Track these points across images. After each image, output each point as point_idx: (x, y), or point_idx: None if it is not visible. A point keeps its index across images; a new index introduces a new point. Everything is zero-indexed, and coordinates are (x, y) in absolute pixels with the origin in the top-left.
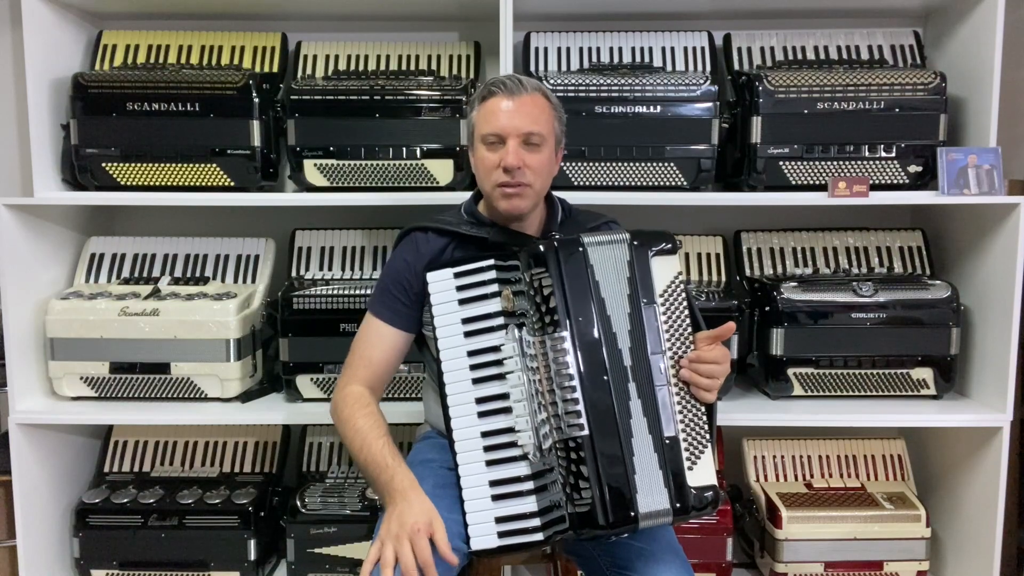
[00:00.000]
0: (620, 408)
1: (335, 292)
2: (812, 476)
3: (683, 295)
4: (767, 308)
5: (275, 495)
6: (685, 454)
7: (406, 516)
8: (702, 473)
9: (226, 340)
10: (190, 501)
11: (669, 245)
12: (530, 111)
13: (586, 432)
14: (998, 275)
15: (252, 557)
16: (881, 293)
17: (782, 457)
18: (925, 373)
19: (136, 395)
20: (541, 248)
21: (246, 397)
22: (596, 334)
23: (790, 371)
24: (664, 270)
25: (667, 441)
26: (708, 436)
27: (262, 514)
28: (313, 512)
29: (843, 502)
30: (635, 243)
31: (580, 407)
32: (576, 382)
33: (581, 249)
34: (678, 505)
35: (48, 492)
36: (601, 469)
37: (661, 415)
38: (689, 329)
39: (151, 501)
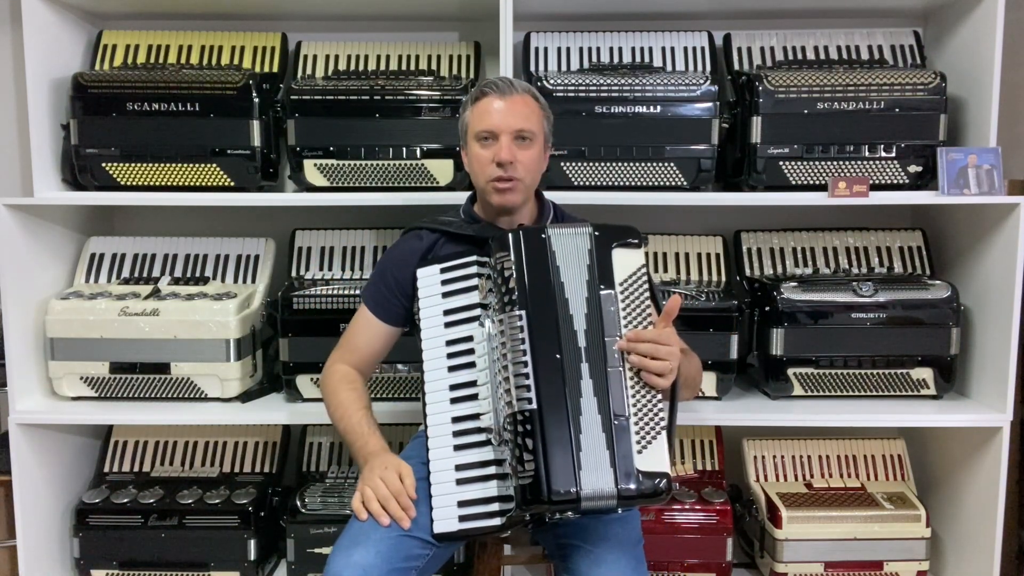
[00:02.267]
0: (570, 386)
1: (335, 292)
2: (812, 476)
3: (645, 287)
4: (767, 308)
5: (275, 495)
6: (635, 437)
7: (375, 464)
8: (653, 459)
9: (226, 340)
10: (190, 501)
11: (634, 240)
12: (521, 110)
13: (534, 406)
14: (998, 275)
15: (252, 557)
16: (881, 293)
17: (782, 457)
18: (925, 373)
19: (136, 395)
20: (509, 234)
21: (246, 397)
22: (551, 314)
23: (790, 371)
24: (626, 262)
25: (616, 422)
26: (663, 424)
27: (262, 514)
28: (313, 512)
29: (843, 502)
30: (596, 234)
31: (530, 381)
32: (528, 358)
33: (544, 236)
34: (623, 487)
35: (48, 492)
36: (547, 442)
37: (611, 395)
38: (650, 319)
39: (151, 501)
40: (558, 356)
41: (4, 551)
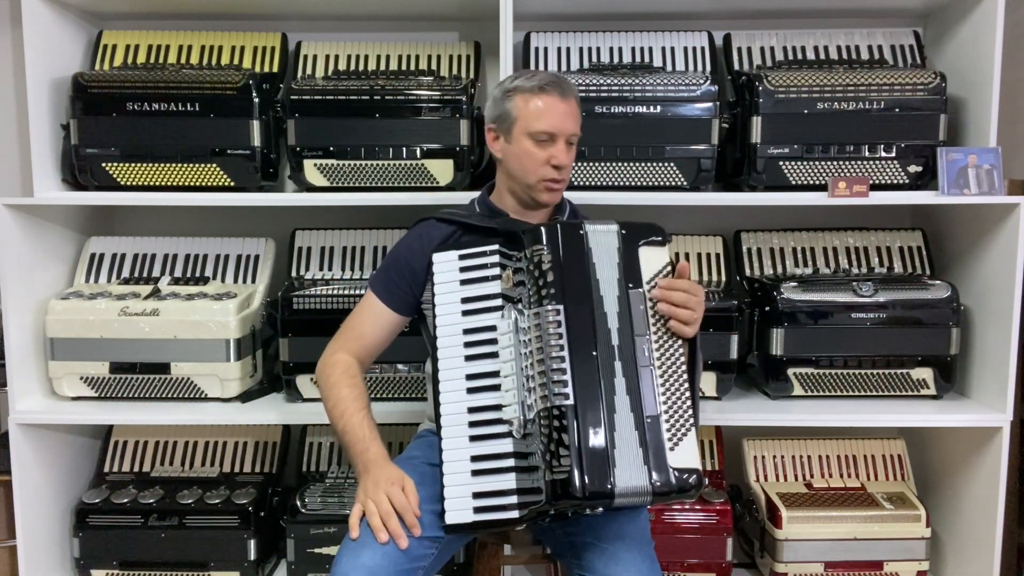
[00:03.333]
0: (606, 383)
1: (335, 292)
2: (812, 476)
3: None
4: (767, 308)
5: (275, 495)
6: (667, 434)
7: (380, 476)
8: (684, 455)
9: (226, 340)
10: (190, 501)
11: (659, 237)
12: (576, 114)
13: (571, 401)
14: (998, 275)
15: (252, 557)
16: (881, 293)
17: (782, 457)
18: (925, 373)
19: (136, 395)
20: (544, 227)
21: (246, 397)
22: (588, 311)
23: (790, 371)
24: (652, 260)
25: (648, 420)
26: (692, 420)
27: (262, 514)
28: (313, 512)
29: (843, 502)
30: (624, 232)
31: (567, 376)
32: (566, 352)
33: (582, 232)
34: (657, 483)
35: (48, 492)
36: (582, 438)
37: (643, 394)
38: (674, 319)
39: (151, 501)
40: (594, 353)
41: (4, 551)
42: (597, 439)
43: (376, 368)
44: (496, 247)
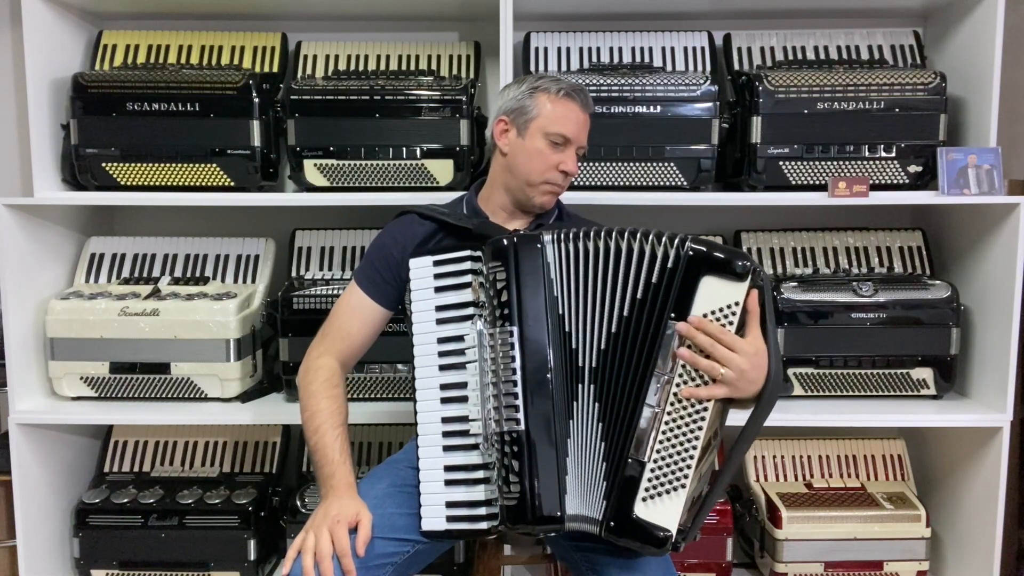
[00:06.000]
0: (559, 408)
1: (335, 292)
2: (812, 476)
3: (731, 328)
4: None
5: (275, 495)
6: (644, 483)
7: (332, 508)
8: (658, 512)
9: (226, 340)
10: (190, 501)
11: (742, 264)
12: (588, 128)
13: (522, 427)
14: (998, 275)
15: (252, 557)
16: (881, 293)
17: (782, 457)
18: (925, 373)
19: (136, 395)
20: (504, 242)
21: (246, 397)
22: (542, 331)
23: (790, 371)
24: (714, 293)
25: (629, 460)
26: (683, 483)
27: (262, 514)
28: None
29: (843, 502)
30: (690, 254)
31: (519, 401)
32: (518, 376)
33: (539, 246)
34: (611, 522)
35: (48, 492)
36: (533, 465)
37: (637, 432)
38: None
39: (151, 501)
40: (548, 375)
41: (4, 551)
42: (547, 466)
43: (376, 368)
44: (468, 253)
